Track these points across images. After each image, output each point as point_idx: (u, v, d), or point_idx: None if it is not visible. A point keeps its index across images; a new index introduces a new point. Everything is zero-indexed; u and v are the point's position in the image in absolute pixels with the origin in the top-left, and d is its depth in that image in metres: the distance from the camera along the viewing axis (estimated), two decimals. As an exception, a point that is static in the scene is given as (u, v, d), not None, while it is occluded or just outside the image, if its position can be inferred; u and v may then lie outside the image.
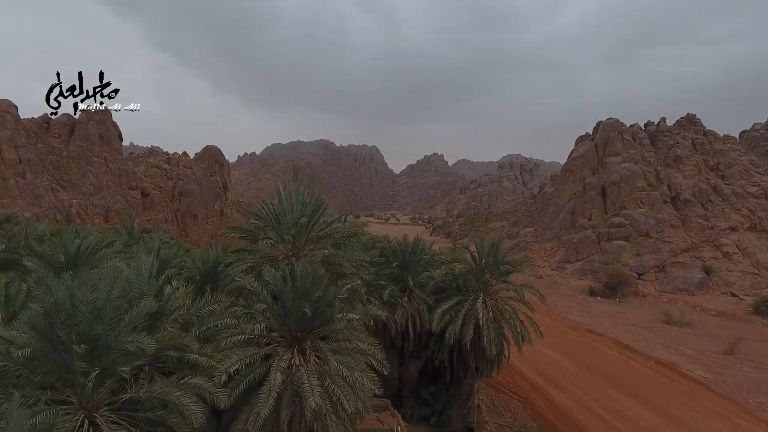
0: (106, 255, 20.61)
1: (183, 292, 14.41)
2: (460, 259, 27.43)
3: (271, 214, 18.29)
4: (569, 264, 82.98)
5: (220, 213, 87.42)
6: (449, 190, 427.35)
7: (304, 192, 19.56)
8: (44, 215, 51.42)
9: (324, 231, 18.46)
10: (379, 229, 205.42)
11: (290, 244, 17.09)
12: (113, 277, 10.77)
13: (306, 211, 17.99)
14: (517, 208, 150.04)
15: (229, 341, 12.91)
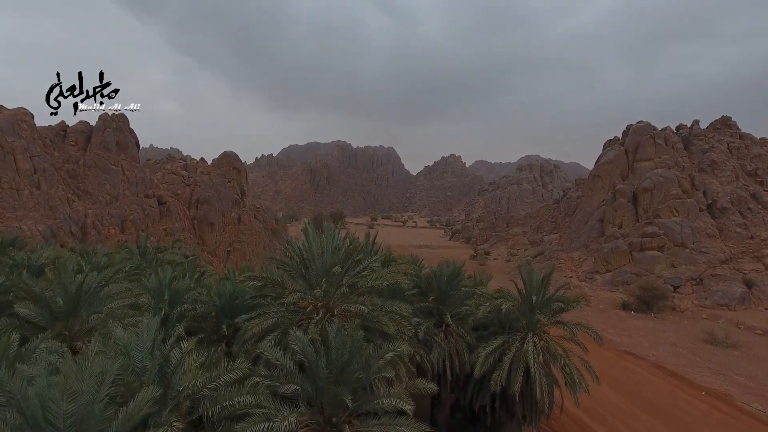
0: (111, 294, 18.41)
1: (193, 359, 12.00)
2: (505, 294, 24.64)
3: (297, 258, 15.81)
4: (599, 275, 79.33)
5: (238, 220, 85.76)
6: (467, 192, 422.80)
7: (336, 230, 17.06)
8: (58, 228, 49.98)
9: (361, 280, 15.88)
10: (397, 232, 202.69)
11: (321, 295, 14.64)
12: (104, 369, 8.38)
13: (338, 257, 15.51)
14: (540, 212, 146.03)
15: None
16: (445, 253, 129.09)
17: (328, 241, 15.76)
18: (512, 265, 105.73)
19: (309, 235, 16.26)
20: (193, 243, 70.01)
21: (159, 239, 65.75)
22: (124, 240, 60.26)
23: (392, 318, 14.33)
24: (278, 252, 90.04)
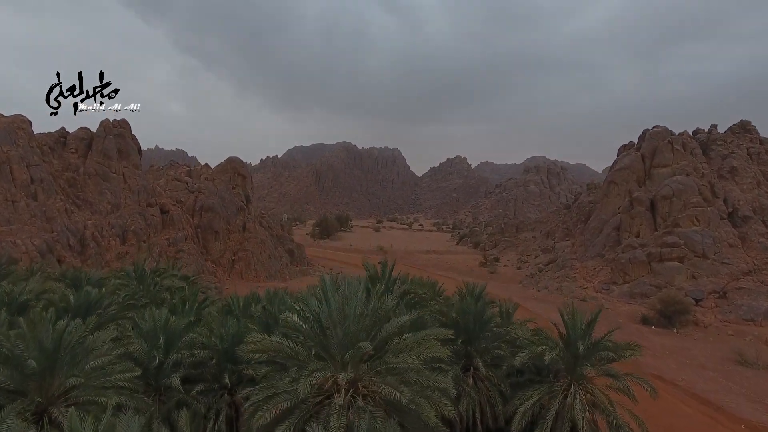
0: (97, 345, 15.97)
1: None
2: (544, 337, 21.98)
3: (314, 322, 13.24)
4: (616, 286, 76.48)
5: (243, 227, 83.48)
6: (473, 194, 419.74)
7: (359, 285, 14.50)
8: (56, 241, 47.76)
9: (391, 352, 13.19)
10: (404, 236, 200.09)
11: (344, 369, 12.10)
12: None
13: (364, 323, 12.95)
14: (550, 217, 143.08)
15: None
16: (454, 260, 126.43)
17: (350, 303, 13.20)
18: (523, 273, 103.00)
19: (327, 293, 13.71)
20: (197, 252, 67.77)
21: (161, 250, 63.56)
22: (125, 252, 58.09)
23: (429, 398, 11.78)
24: (282, 262, 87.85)
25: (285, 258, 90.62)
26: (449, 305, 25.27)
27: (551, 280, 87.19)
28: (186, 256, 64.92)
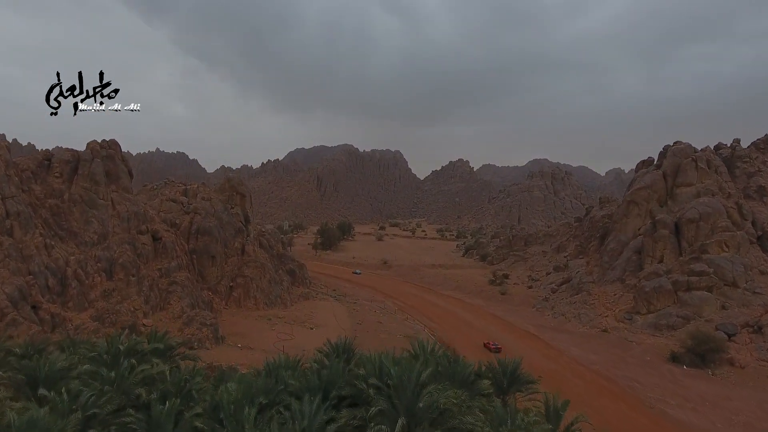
0: None
1: None
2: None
3: None
4: (639, 316, 71.66)
5: (241, 250, 78.68)
6: (475, 197, 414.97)
7: None
8: (31, 285, 42.98)
9: None
10: (407, 245, 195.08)
11: None
12: None
13: None
14: (560, 230, 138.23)
15: None
16: (461, 276, 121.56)
17: None
18: (536, 294, 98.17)
19: None
20: (191, 283, 62.95)
21: (152, 283, 58.78)
22: (111, 289, 53.29)
23: None
24: (284, 285, 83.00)
25: (286, 280, 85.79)
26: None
27: (568, 305, 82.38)
28: (179, 288, 60.10)
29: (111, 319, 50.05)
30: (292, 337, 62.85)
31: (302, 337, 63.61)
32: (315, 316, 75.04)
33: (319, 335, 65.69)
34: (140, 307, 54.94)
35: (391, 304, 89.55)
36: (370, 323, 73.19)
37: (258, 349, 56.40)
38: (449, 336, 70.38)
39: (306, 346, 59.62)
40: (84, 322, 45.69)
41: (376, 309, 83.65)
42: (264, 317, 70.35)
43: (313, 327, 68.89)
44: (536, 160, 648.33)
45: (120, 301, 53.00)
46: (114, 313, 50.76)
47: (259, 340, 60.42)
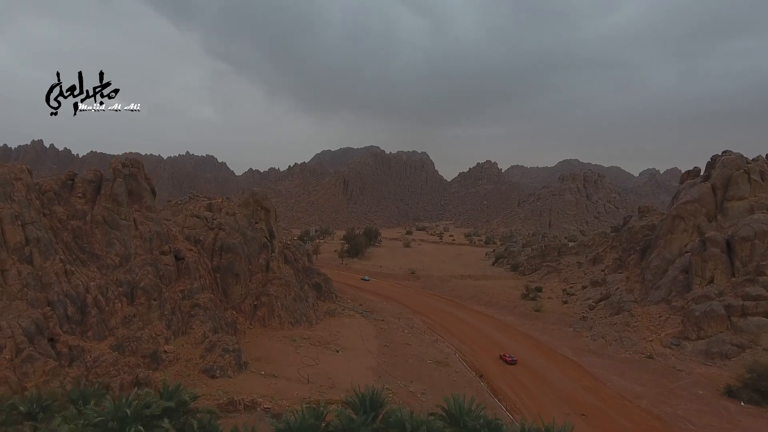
0: None
1: None
2: None
3: None
4: (688, 342, 66.52)
5: (266, 267, 76.77)
6: (504, 200, 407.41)
7: None
8: (49, 317, 41.59)
9: None
10: (435, 251, 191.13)
11: None
12: None
13: None
14: (595, 241, 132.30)
15: None
16: (492, 288, 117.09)
17: None
18: (572, 310, 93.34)
19: None
20: (214, 305, 61.18)
21: (174, 306, 57.21)
22: (132, 315, 51.81)
23: None
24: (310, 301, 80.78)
25: (311, 296, 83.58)
26: None
27: (608, 326, 77.56)
28: (202, 312, 58.33)
29: (131, 347, 48.47)
30: (317, 362, 60.35)
31: (327, 361, 61.06)
32: (341, 336, 72.49)
33: (345, 359, 63.15)
34: (162, 333, 53.35)
35: (419, 322, 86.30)
36: (397, 345, 70.19)
37: (282, 377, 54.11)
38: (481, 361, 66.72)
39: (331, 373, 57.13)
40: (103, 353, 44.12)
41: (404, 327, 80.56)
42: (289, 338, 68.16)
43: (339, 350, 66.30)
44: (566, 160, 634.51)
45: (141, 327, 51.48)
46: (135, 341, 49.20)
47: (284, 365, 58.14)
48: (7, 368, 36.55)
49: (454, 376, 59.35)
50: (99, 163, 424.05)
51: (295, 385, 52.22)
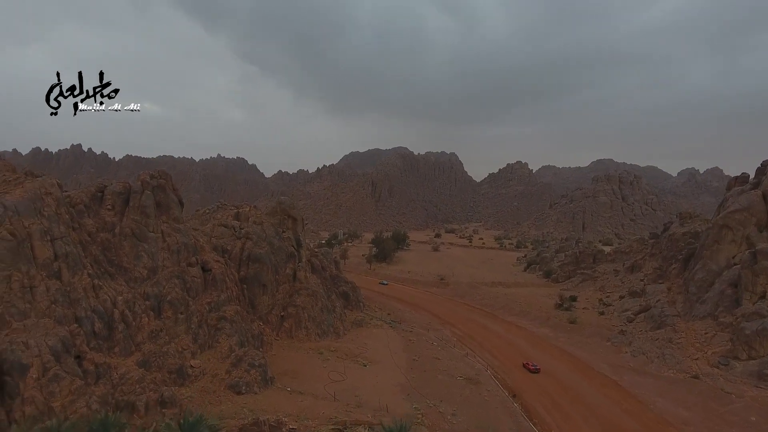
0: None
1: None
2: None
3: None
4: (738, 362, 62.31)
5: (293, 276, 76.04)
6: (535, 201, 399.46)
7: None
8: (76, 333, 41.43)
9: None
10: (465, 255, 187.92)
11: None
12: None
13: None
14: (633, 247, 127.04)
15: None
16: (524, 296, 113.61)
17: None
18: (609, 322, 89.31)
19: None
20: (240, 318, 60.60)
21: (201, 318, 56.83)
22: (159, 329, 51.56)
23: None
24: (337, 312, 79.62)
25: (339, 306, 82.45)
26: None
27: (649, 342, 73.64)
28: (228, 325, 57.77)
29: (158, 362, 48.13)
30: (344, 377, 58.96)
31: (355, 376, 59.56)
32: (368, 348, 70.97)
33: (373, 374, 61.53)
34: (188, 347, 52.95)
35: (449, 333, 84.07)
36: (426, 359, 68.19)
37: (308, 393, 52.89)
38: (513, 378, 64.08)
39: (359, 390, 55.56)
40: (129, 369, 43.77)
41: (433, 340, 78.49)
42: (316, 350, 67.05)
43: (367, 363, 64.80)
44: (600, 160, 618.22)
45: (168, 342, 51.16)
46: (161, 356, 48.85)
47: (310, 380, 56.96)
48: (33, 388, 36.34)
49: (485, 395, 56.98)
50: (134, 166, 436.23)
51: (322, 402, 50.90)
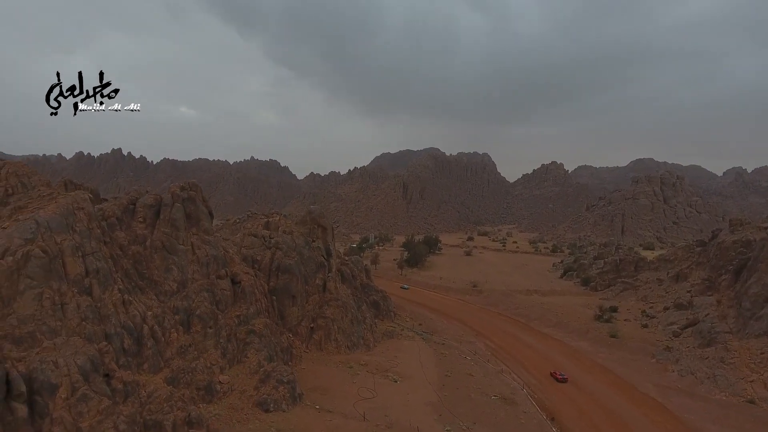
0: None
1: None
2: None
3: None
4: (800, 386, 57.45)
5: (323, 287, 75.06)
6: (571, 203, 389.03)
7: None
8: (105, 351, 41.25)
9: None
10: (498, 260, 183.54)
11: None
12: None
13: None
14: (678, 255, 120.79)
15: None
16: (560, 306, 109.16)
17: None
18: (653, 336, 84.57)
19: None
20: (269, 332, 59.81)
21: (230, 332, 56.34)
22: (188, 344, 51.22)
23: None
24: (367, 324, 78.14)
25: (369, 316, 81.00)
26: None
27: (698, 360, 69.17)
28: (257, 339, 57.05)
29: (186, 379, 47.72)
30: (374, 394, 57.34)
31: (385, 393, 57.83)
32: (399, 361, 69.17)
33: (404, 391, 59.58)
34: (217, 362, 52.46)
35: (482, 346, 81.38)
36: (459, 375, 65.86)
37: (337, 412, 51.50)
38: (551, 399, 61.03)
39: (389, 409, 53.65)
40: (157, 387, 43.38)
41: (466, 353, 76.02)
42: (345, 363, 65.73)
43: (398, 379, 63.02)
44: (640, 160, 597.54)
45: (196, 357, 50.76)
46: (189, 372, 48.44)
47: (340, 396, 55.62)
48: (62, 408, 36.22)
49: (521, 418, 54.29)
50: (171, 169, 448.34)
51: (351, 422, 49.45)
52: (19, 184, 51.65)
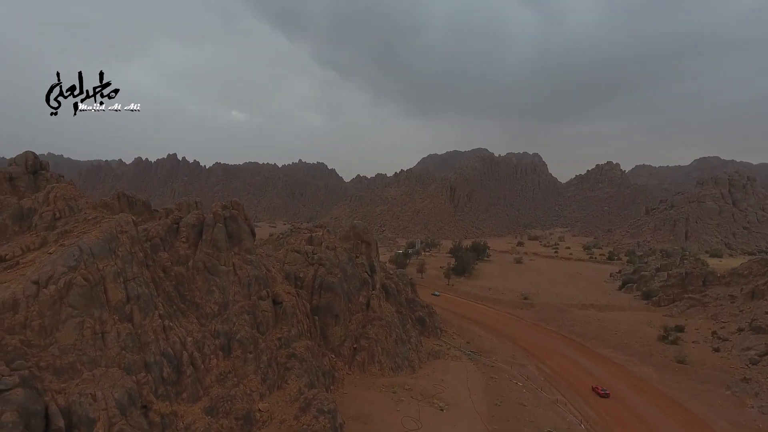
0: None
1: None
2: None
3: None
4: None
5: (366, 305, 72.87)
6: (628, 206, 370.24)
7: None
8: (144, 383, 40.49)
9: None
10: (550, 268, 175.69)
11: None
12: None
13: None
14: (753, 268, 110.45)
15: None
16: (619, 323, 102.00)
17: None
18: (727, 362, 76.95)
19: None
20: (311, 356, 58.10)
21: (271, 356, 54.95)
22: (227, 370, 50.11)
23: None
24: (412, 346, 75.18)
25: (414, 335, 78.03)
26: None
27: (782, 396, 61.76)
28: (298, 364, 55.41)
29: (225, 408, 46.51)
30: (419, 424, 54.38)
31: (430, 424, 54.74)
32: (446, 386, 65.86)
33: (451, 422, 56.22)
34: (257, 389, 51.07)
35: (534, 370, 76.58)
36: (510, 405, 61.76)
37: (379, 446, 49.07)
38: (614, 435, 56.00)
39: (435, 444, 50.86)
40: (195, 419, 42.39)
41: (518, 378, 71.61)
42: (389, 388, 63.13)
43: (444, 407, 59.75)
44: (704, 158, 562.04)
45: (236, 384, 49.53)
46: (229, 401, 47.22)
47: (382, 427, 53.03)
48: (99, 443, 35.52)
49: (580, 459, 49.78)
50: (222, 173, 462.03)
51: (394, 460, 46.79)
52: (67, 207, 52.30)
